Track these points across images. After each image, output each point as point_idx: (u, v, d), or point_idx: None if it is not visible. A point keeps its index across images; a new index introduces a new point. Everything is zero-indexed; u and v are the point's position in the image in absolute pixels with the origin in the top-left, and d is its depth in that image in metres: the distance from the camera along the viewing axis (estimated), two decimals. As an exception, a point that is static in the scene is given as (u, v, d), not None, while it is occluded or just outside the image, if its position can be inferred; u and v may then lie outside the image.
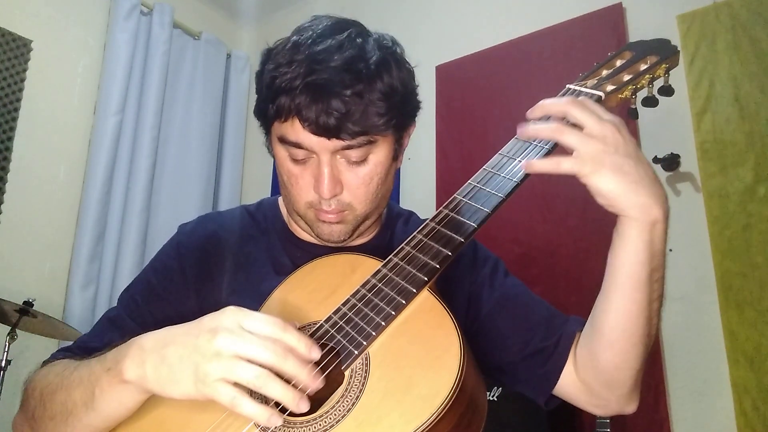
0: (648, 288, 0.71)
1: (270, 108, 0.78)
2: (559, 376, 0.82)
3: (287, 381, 0.61)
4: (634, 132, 1.97)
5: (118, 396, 0.66)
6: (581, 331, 0.82)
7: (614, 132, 0.69)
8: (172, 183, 2.81)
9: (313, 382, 0.61)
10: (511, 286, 0.91)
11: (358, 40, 0.78)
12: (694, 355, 1.77)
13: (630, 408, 0.80)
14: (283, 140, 0.79)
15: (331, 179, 0.78)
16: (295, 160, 0.80)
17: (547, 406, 0.85)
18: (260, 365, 0.59)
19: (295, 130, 0.77)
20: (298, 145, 0.78)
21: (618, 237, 0.71)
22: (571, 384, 0.82)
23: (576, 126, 0.70)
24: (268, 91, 0.78)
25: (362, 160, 0.80)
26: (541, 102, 0.75)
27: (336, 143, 0.76)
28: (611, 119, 0.70)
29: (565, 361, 0.82)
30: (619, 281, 0.72)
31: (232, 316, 0.63)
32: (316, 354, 0.62)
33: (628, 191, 0.67)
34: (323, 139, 0.76)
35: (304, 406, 0.60)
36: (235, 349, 0.60)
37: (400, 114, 0.80)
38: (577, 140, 0.68)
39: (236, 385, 0.59)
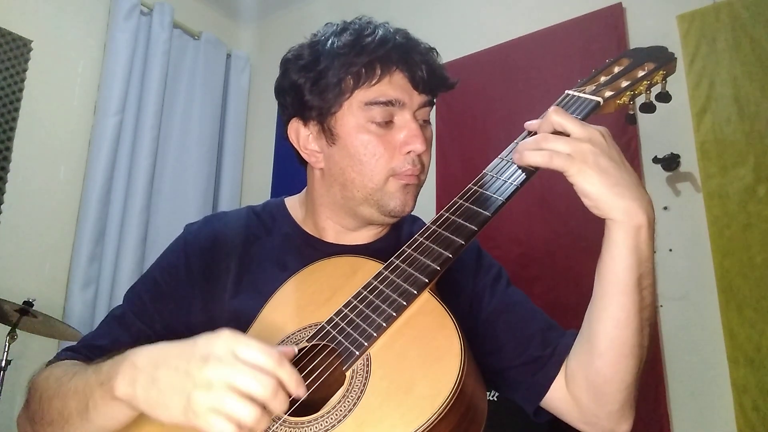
0: (636, 295, 0.71)
1: (358, 73, 0.81)
2: (549, 386, 0.81)
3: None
4: (634, 132, 1.98)
5: (110, 411, 0.66)
6: None
7: (598, 136, 0.70)
8: (172, 183, 2.81)
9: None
10: (512, 295, 0.91)
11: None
12: (694, 355, 1.78)
13: (622, 428, 0.78)
14: (375, 102, 0.82)
15: (422, 132, 0.84)
16: (378, 125, 0.83)
17: (536, 418, 0.84)
18: (250, 397, 0.58)
19: (392, 85, 0.82)
20: (390, 103, 0.82)
21: (605, 242, 0.71)
22: (562, 398, 0.81)
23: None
24: (353, 55, 0.82)
25: (427, 123, 0.88)
26: (526, 123, 0.79)
27: (423, 98, 0.84)
28: (596, 127, 0.72)
29: (557, 372, 0.81)
30: (606, 287, 0.72)
31: (226, 343, 0.61)
32: (302, 392, 0.61)
33: (611, 193, 0.67)
34: (415, 92, 0.84)
35: None
36: (227, 380, 0.58)
37: None
38: (562, 145, 0.70)
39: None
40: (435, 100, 0.89)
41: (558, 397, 0.81)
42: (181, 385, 0.60)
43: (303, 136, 0.89)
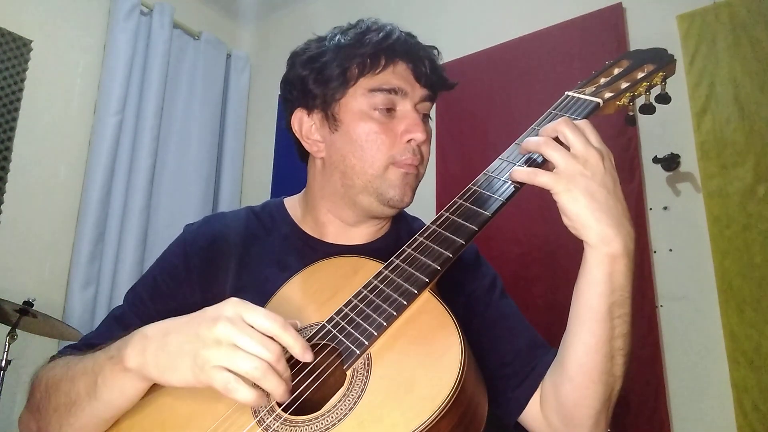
0: (607, 322, 0.70)
1: (363, 62, 0.84)
2: (527, 403, 0.81)
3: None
4: (634, 133, 1.98)
5: (120, 384, 0.67)
6: None
7: (597, 159, 0.69)
8: (172, 183, 2.81)
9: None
10: (504, 307, 0.92)
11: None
12: (694, 355, 1.78)
13: None
14: (378, 89, 0.84)
15: (422, 122, 0.86)
16: (381, 112, 0.84)
17: (516, 429, 0.85)
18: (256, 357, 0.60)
19: (396, 74, 0.85)
20: (393, 90, 0.84)
21: (581, 265, 0.71)
22: (535, 416, 0.81)
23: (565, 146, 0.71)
24: (359, 47, 0.84)
25: (427, 117, 0.89)
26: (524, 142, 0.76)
27: (424, 92, 0.87)
28: (599, 147, 0.70)
29: (535, 390, 0.81)
30: (578, 311, 0.72)
31: (234, 307, 0.64)
32: (309, 357, 0.64)
33: (592, 218, 0.67)
34: (417, 84, 0.86)
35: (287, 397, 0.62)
36: (234, 339, 0.61)
37: None
38: (558, 156, 0.69)
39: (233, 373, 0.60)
40: (435, 99, 0.90)
41: (531, 415, 0.81)
42: (190, 346, 0.62)
43: (306, 126, 0.91)
